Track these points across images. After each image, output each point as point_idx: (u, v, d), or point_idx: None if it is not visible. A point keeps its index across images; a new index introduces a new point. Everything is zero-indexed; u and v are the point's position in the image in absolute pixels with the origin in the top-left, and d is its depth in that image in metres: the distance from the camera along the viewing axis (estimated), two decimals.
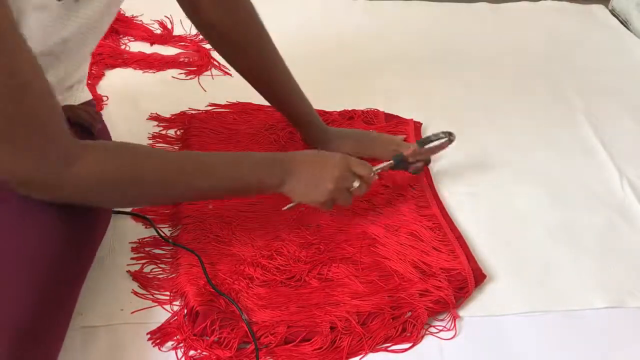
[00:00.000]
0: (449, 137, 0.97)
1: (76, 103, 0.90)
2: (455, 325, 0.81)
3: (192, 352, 0.75)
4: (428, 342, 0.79)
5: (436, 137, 0.97)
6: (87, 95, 0.93)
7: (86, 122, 0.88)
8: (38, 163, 0.63)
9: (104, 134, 0.95)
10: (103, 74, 1.25)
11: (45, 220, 0.70)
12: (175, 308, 0.80)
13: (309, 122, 1.03)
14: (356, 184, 0.86)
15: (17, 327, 0.62)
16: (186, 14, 0.95)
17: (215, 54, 1.30)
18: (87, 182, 0.67)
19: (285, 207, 0.88)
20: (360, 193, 0.88)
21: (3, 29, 0.57)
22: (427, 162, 1.01)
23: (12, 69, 0.59)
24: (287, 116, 1.04)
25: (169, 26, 1.42)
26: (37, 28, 0.67)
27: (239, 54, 0.98)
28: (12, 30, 0.59)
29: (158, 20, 1.42)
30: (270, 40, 0.97)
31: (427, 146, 0.97)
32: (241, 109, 1.16)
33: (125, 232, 0.89)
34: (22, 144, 0.62)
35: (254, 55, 0.97)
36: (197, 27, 0.98)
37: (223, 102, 1.16)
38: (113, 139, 0.96)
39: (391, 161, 0.94)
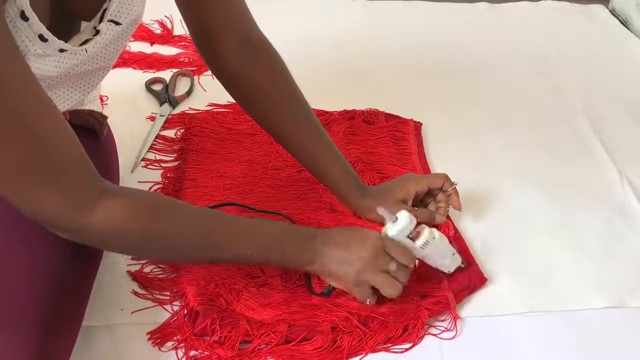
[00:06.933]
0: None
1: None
2: (455, 325, 0.81)
3: (192, 352, 0.75)
4: (428, 342, 0.79)
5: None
6: (96, 106, 0.92)
7: (92, 126, 0.88)
8: (56, 206, 0.62)
9: (109, 139, 0.94)
10: None
11: None
12: (176, 308, 0.80)
13: (341, 186, 0.92)
14: (392, 266, 0.77)
15: (39, 321, 0.63)
16: (205, 60, 0.89)
17: None
18: (97, 233, 0.65)
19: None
20: (402, 279, 0.78)
21: (7, 72, 0.55)
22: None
23: (15, 105, 0.57)
24: (320, 179, 0.94)
25: (169, 26, 1.42)
26: (36, 69, 0.66)
27: (267, 110, 0.90)
28: (13, 65, 0.57)
29: (158, 20, 1.43)
30: (303, 96, 0.90)
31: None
32: (241, 109, 1.16)
33: None
34: (33, 183, 0.60)
35: (284, 112, 0.89)
36: (217, 76, 0.90)
37: (223, 102, 1.16)
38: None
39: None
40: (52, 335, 0.65)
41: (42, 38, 0.63)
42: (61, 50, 0.67)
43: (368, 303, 0.79)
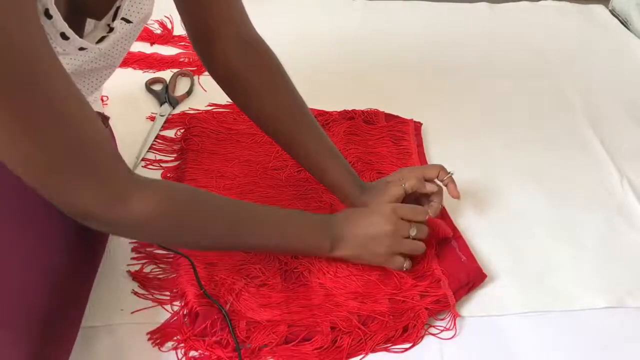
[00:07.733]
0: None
1: None
2: (455, 325, 0.81)
3: (192, 353, 0.75)
4: (428, 342, 0.79)
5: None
6: (97, 107, 0.93)
7: None
8: (92, 198, 0.62)
9: (111, 139, 0.94)
10: None
11: (59, 220, 0.69)
12: (175, 308, 0.80)
13: (341, 184, 0.91)
14: (413, 231, 0.83)
15: (37, 321, 0.63)
16: (202, 61, 0.89)
17: None
18: (135, 223, 0.67)
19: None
20: (423, 237, 0.85)
21: (40, 56, 0.55)
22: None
23: (50, 97, 0.56)
24: (319, 178, 0.93)
25: (169, 26, 1.42)
26: None
27: (265, 110, 0.89)
28: (49, 58, 0.56)
29: (158, 20, 1.42)
30: (300, 97, 0.90)
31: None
32: None
33: None
34: (71, 175, 0.60)
35: (282, 113, 0.89)
36: (215, 77, 0.90)
37: (223, 102, 1.16)
38: None
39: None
40: (51, 336, 0.65)
41: (63, 36, 0.63)
42: (81, 49, 0.67)
43: (405, 268, 0.84)
